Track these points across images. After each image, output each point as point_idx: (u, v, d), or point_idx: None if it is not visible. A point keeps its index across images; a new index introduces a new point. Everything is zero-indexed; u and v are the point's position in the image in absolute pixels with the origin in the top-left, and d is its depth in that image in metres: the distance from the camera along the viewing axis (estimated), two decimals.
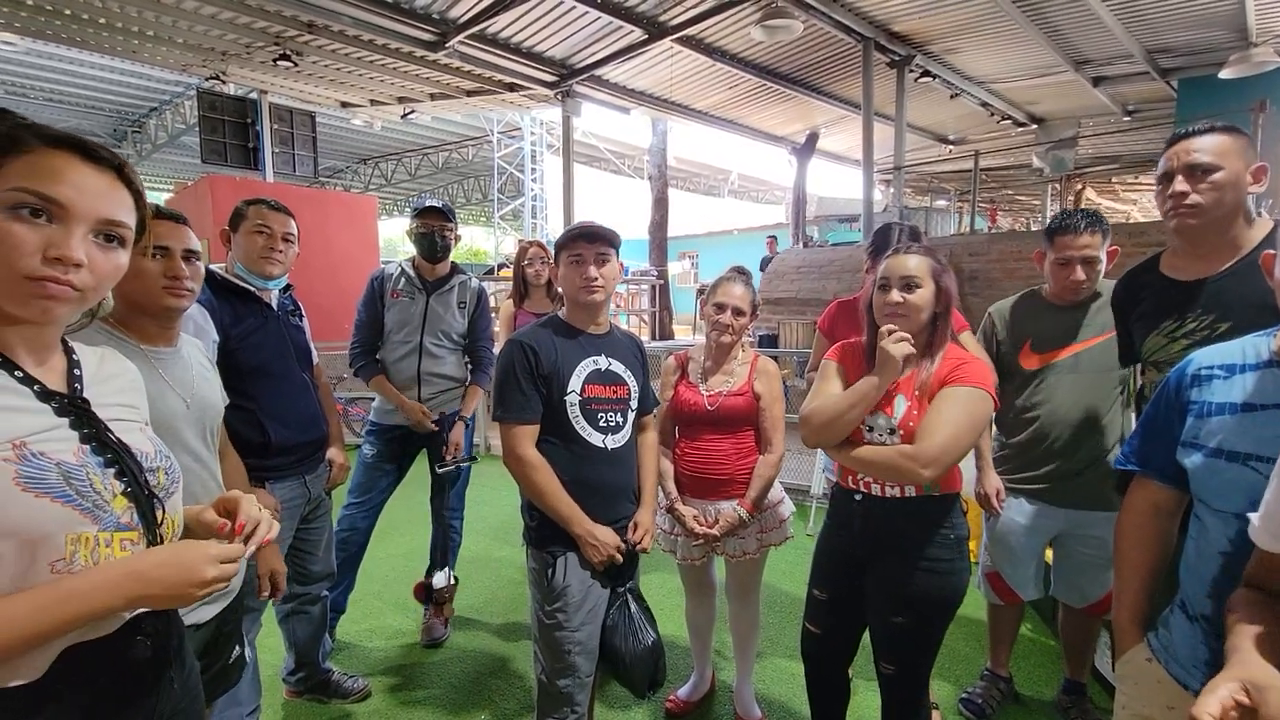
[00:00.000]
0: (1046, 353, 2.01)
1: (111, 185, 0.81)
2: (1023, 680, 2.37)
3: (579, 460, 1.65)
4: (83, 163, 0.78)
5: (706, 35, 6.69)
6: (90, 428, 0.81)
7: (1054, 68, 7.42)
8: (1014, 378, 2.07)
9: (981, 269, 6.58)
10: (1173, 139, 1.53)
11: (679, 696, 2.26)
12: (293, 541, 2.04)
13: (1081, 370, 1.97)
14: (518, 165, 15.80)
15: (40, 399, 0.78)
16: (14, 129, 0.75)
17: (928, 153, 11.32)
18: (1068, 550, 2.08)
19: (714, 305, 2.04)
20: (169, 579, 0.77)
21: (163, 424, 1.27)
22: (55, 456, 0.75)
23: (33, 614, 0.69)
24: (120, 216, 0.80)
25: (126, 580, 0.75)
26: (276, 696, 2.28)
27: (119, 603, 0.75)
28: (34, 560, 0.71)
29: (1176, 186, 1.48)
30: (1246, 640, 0.78)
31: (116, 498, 0.79)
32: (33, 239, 0.72)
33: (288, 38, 6.29)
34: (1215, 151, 1.46)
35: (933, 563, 1.54)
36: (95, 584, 0.73)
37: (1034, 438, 2.03)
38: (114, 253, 0.81)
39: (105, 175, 0.80)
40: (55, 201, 0.74)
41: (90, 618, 0.74)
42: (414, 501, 2.87)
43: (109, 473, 0.80)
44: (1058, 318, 2.02)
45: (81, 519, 0.75)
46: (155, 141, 12.73)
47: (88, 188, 0.77)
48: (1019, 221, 17.72)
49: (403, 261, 2.72)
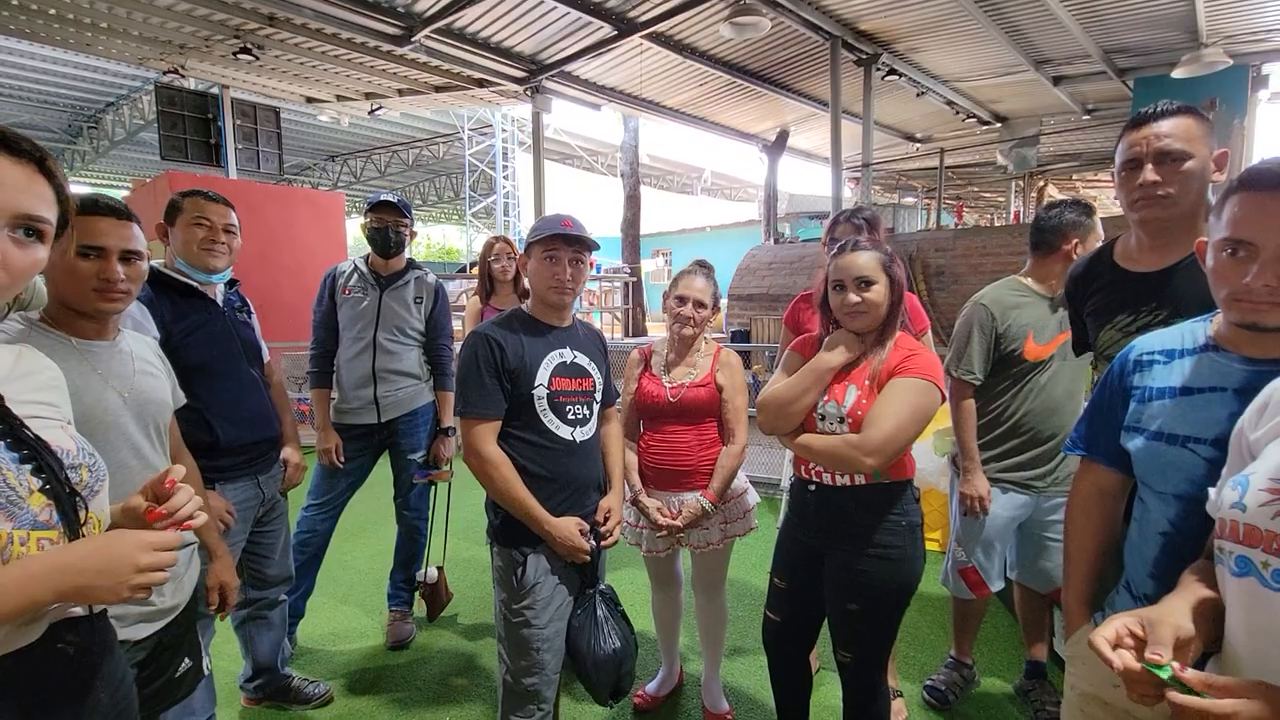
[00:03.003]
0: (1047, 343, 2.01)
1: (31, 178, 0.78)
2: (985, 665, 2.41)
3: (547, 454, 1.64)
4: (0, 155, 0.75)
5: (676, 32, 6.69)
6: (4, 423, 0.78)
7: (1015, 67, 7.58)
8: (1014, 368, 2.03)
9: (947, 264, 6.70)
10: (1136, 121, 1.39)
11: (647, 691, 2.26)
12: (247, 545, 1.98)
13: (1067, 357, 1.97)
14: (489, 163, 15.66)
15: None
16: None
17: (895, 150, 11.49)
18: (1033, 536, 2.11)
19: (675, 298, 2.04)
20: (99, 568, 0.74)
21: (97, 419, 1.23)
22: None
23: None
24: (40, 211, 0.78)
25: (52, 573, 0.72)
26: (234, 705, 2.22)
27: (46, 596, 0.71)
28: None
29: (1146, 176, 1.36)
30: (1176, 595, 0.84)
31: (33, 494, 0.76)
32: None
33: (248, 31, 6.13)
34: (1184, 136, 1.34)
35: (884, 550, 1.55)
36: (17, 578, 0.70)
37: (1022, 428, 2.03)
38: (31, 248, 0.77)
39: (25, 168, 0.77)
40: None
41: (15, 614, 0.70)
42: (380, 503, 2.82)
43: (24, 469, 0.77)
44: (1048, 307, 2.03)
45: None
46: (113, 137, 12.34)
47: (4, 181, 0.75)
48: (984, 218, 18.10)
49: (356, 259, 2.67)
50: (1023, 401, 2.03)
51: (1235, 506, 0.77)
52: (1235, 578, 0.76)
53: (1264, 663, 0.72)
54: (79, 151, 13.67)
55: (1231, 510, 0.77)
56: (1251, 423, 0.86)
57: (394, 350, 2.57)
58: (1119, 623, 0.79)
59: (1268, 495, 0.74)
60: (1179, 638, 0.76)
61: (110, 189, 17.93)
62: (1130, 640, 0.77)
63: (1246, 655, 0.75)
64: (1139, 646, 0.76)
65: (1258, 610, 0.74)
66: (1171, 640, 0.75)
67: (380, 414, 2.57)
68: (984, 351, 2.03)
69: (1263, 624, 0.73)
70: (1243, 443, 0.87)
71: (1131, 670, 0.73)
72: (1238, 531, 0.76)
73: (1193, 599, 0.83)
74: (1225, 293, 0.98)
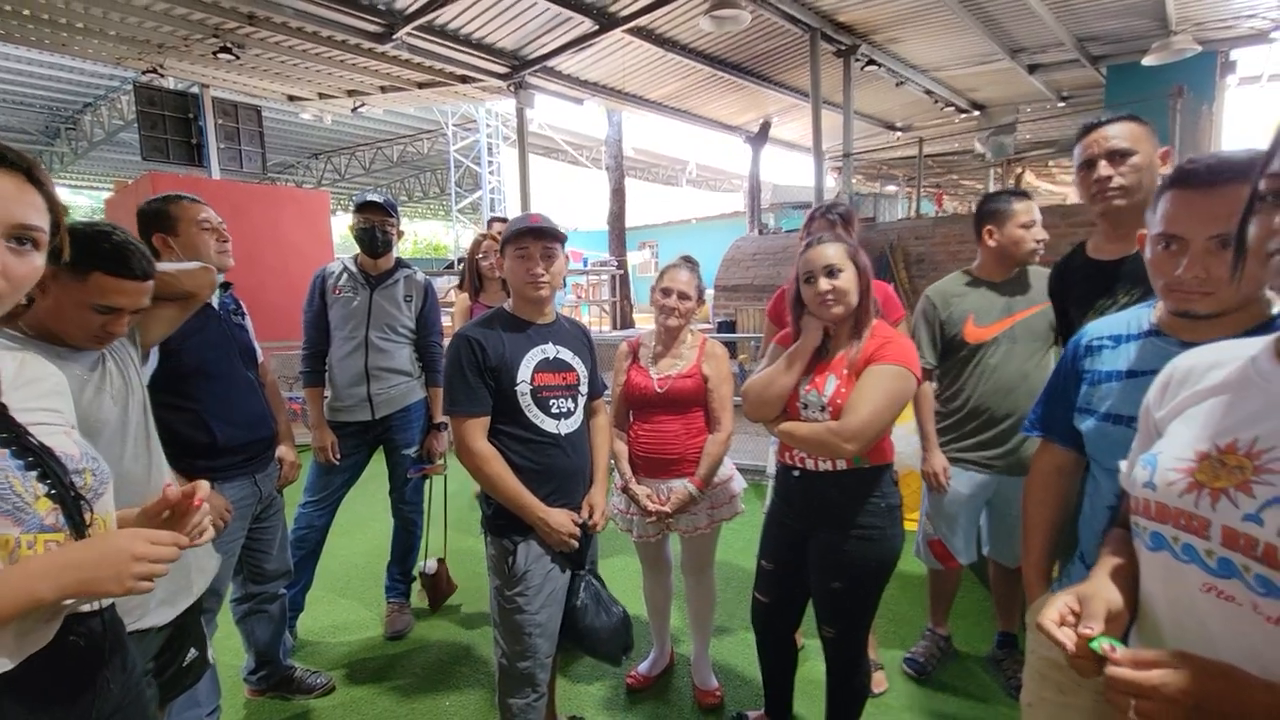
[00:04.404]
0: (988, 325, 2.13)
1: (21, 188, 0.79)
2: (960, 637, 2.52)
3: (534, 448, 1.69)
4: None
5: (657, 26, 6.72)
6: (8, 431, 0.81)
7: (991, 56, 7.68)
8: (958, 352, 2.17)
9: (927, 252, 6.81)
10: (1085, 129, 1.63)
11: (639, 672, 2.34)
12: (246, 541, 2.03)
13: (1018, 340, 2.09)
14: (474, 158, 15.57)
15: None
16: None
17: (876, 140, 11.59)
18: (1000, 514, 2.21)
19: (660, 290, 2.11)
20: (98, 561, 0.78)
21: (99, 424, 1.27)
22: None
23: None
24: (32, 220, 0.79)
25: (53, 570, 0.76)
26: (238, 696, 2.28)
27: (49, 594, 0.75)
28: None
29: (1101, 171, 1.57)
30: (1101, 567, 0.88)
31: (40, 499, 0.80)
32: None
33: (227, 30, 6.09)
34: (1129, 137, 1.56)
35: (865, 530, 1.64)
36: (19, 577, 0.74)
37: (977, 408, 2.14)
38: (28, 257, 0.80)
39: (13, 178, 0.79)
40: None
41: (19, 611, 0.74)
42: (375, 498, 2.87)
43: (30, 475, 0.80)
44: (994, 291, 2.14)
45: (4, 521, 0.75)
46: (91, 139, 12.16)
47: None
48: (964, 205, 18.28)
49: (345, 259, 2.71)
50: (976, 384, 2.14)
51: (1146, 486, 0.80)
52: (1150, 552, 0.80)
53: (1183, 631, 0.76)
54: (57, 153, 13.43)
55: (1143, 490, 0.81)
56: (1155, 401, 0.90)
57: (386, 348, 2.62)
58: (1060, 601, 0.82)
59: (1174, 474, 0.77)
60: (1110, 610, 0.79)
61: (90, 190, 17.64)
62: (1072, 618, 0.80)
63: (1168, 624, 0.79)
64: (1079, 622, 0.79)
65: (1173, 582, 0.77)
66: (1103, 614, 0.78)
67: (374, 411, 2.62)
68: (930, 338, 2.20)
69: (1178, 595, 0.76)
70: (1149, 421, 0.91)
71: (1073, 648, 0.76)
72: (1149, 509, 0.80)
73: (1112, 569, 0.86)
74: (1161, 283, 1.07)
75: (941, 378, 2.27)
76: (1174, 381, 0.88)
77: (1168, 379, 0.90)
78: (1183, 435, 0.81)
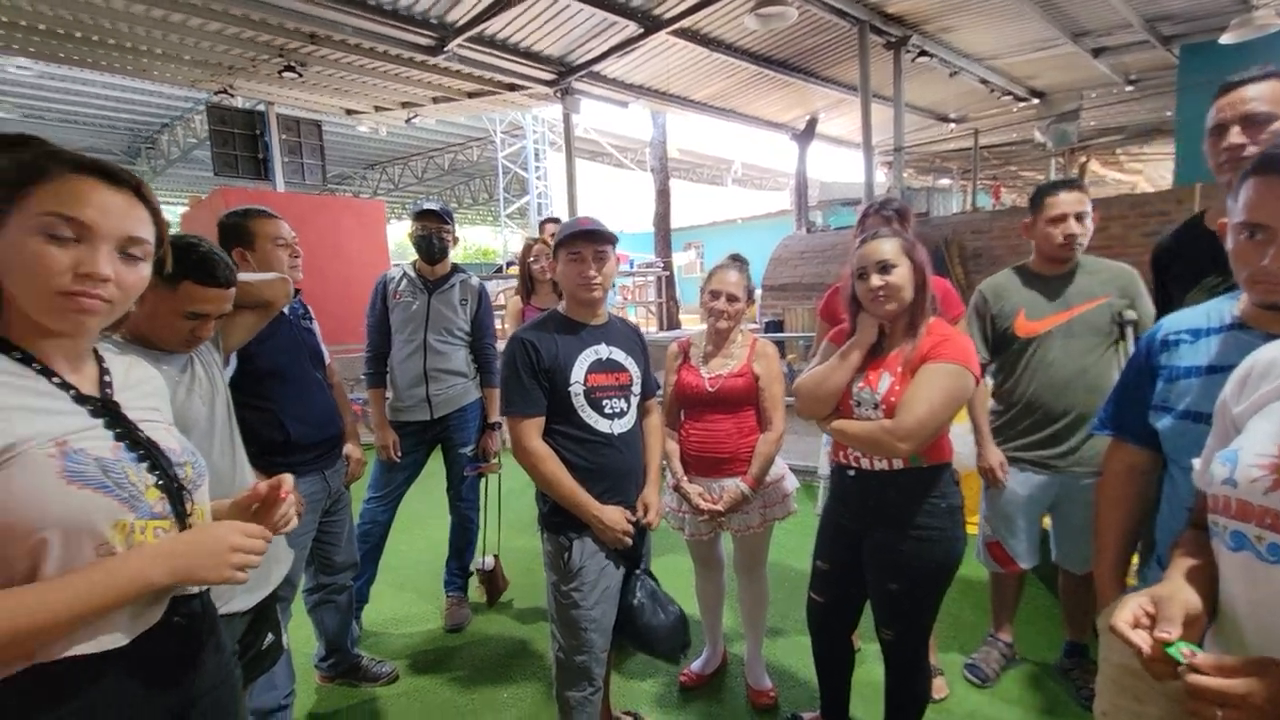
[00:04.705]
0: (1041, 320, 2.06)
1: (131, 204, 0.87)
2: (1025, 644, 2.43)
3: (588, 447, 1.72)
4: (104, 185, 0.84)
5: (701, 26, 6.70)
6: (122, 427, 0.89)
7: (1052, 41, 7.35)
8: (1010, 346, 2.12)
9: (984, 246, 6.58)
10: (1223, 88, 1.46)
11: (692, 670, 2.35)
12: (316, 534, 2.14)
13: (1075, 335, 2.02)
14: (521, 164, 15.87)
15: (76, 402, 0.86)
16: (40, 157, 0.82)
17: (929, 133, 11.24)
18: (1066, 517, 2.14)
19: (709, 293, 2.12)
20: (201, 551, 0.86)
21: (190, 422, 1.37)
22: (94, 452, 0.83)
23: (90, 587, 0.78)
24: (140, 233, 0.87)
25: (164, 556, 0.84)
26: (310, 682, 2.39)
27: (161, 578, 0.83)
28: (80, 546, 0.80)
29: (1232, 138, 1.41)
30: (1176, 569, 0.85)
31: (149, 489, 0.87)
32: (64, 258, 0.80)
33: (291, 50, 6.39)
34: (1272, 99, 1.38)
35: (924, 531, 1.61)
36: (135, 563, 0.82)
37: (1032, 405, 2.08)
38: (137, 266, 0.87)
39: (124, 195, 0.86)
40: (82, 223, 0.81)
41: (137, 593, 0.82)
42: (433, 496, 2.98)
43: (142, 467, 0.88)
44: (1047, 286, 2.08)
45: (121, 508, 0.83)
46: (168, 157, 12.96)
47: (110, 208, 0.83)
48: (1023, 197, 17.55)
49: (405, 265, 2.82)
50: (1030, 379, 2.07)
51: (1226, 483, 0.77)
52: (1231, 552, 0.77)
53: (1268, 635, 0.72)
54: (139, 171, 14.29)
55: (1223, 486, 0.78)
56: (1234, 395, 0.87)
57: (443, 350, 2.72)
58: (1134, 603, 0.80)
59: (1258, 471, 0.74)
60: (1187, 613, 0.76)
61: (167, 205, 18.76)
62: (1146, 620, 0.77)
63: (1250, 627, 0.76)
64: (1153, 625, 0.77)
65: (1257, 584, 0.74)
66: (1180, 617, 0.75)
67: (432, 411, 2.72)
68: (981, 333, 2.15)
69: (1263, 597, 0.73)
70: (1226, 416, 0.87)
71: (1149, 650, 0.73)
72: (1230, 507, 0.77)
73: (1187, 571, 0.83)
74: (1245, 274, 1.02)
75: (995, 374, 2.22)
76: (1254, 375, 0.85)
77: (1247, 372, 0.86)
78: (1265, 430, 0.78)
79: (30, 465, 0.77)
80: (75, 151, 0.86)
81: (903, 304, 1.59)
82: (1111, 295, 2.02)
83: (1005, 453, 2.14)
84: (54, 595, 0.76)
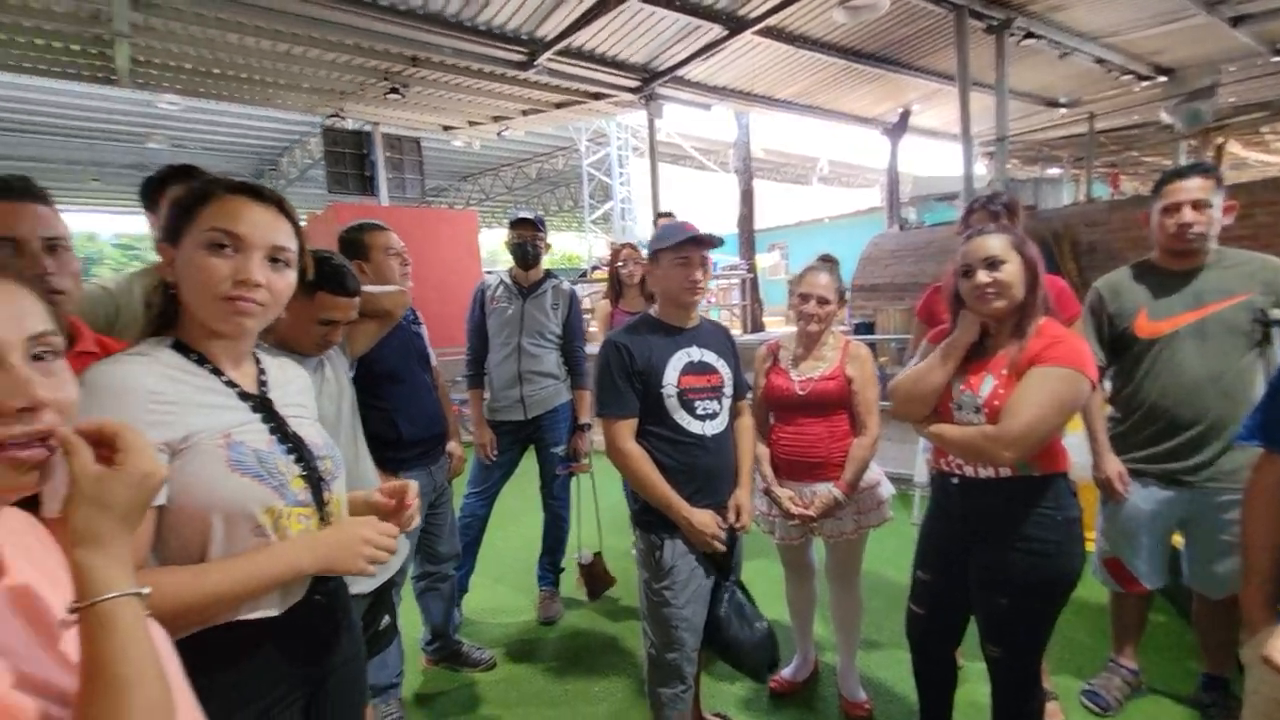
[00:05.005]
0: (1166, 319, 1.89)
1: (275, 218, 0.98)
2: (1154, 673, 2.23)
3: (680, 448, 1.75)
4: (253, 202, 0.96)
5: (787, 24, 6.59)
6: (275, 422, 1.00)
7: (1182, 12, 6.67)
8: (1130, 349, 1.96)
9: (1101, 240, 6.08)
10: None
11: (782, 677, 2.32)
12: (423, 525, 2.29)
13: (1209, 337, 1.84)
14: (605, 170, 16.20)
15: (239, 399, 0.98)
16: (204, 183, 0.96)
17: (1035, 119, 10.47)
18: (1200, 535, 1.95)
19: (799, 295, 2.09)
20: (341, 546, 0.96)
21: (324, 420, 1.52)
22: (252, 444, 0.94)
23: (254, 569, 0.89)
24: (284, 242, 0.98)
25: (310, 547, 0.94)
26: (416, 665, 2.55)
27: (309, 565, 0.94)
28: (239, 528, 0.91)
29: None
30: None
31: (295, 479, 0.98)
32: (225, 267, 0.92)
33: (395, 73, 6.85)
34: None
35: (1037, 544, 1.52)
36: (292, 549, 0.93)
37: (1156, 412, 1.91)
38: (284, 273, 0.98)
39: (270, 210, 0.98)
40: (238, 235, 0.93)
41: (291, 573, 0.93)
42: (527, 493, 3.10)
43: (289, 458, 0.99)
44: (1173, 282, 1.90)
45: (272, 495, 0.94)
46: (288, 177, 14.18)
47: (259, 222, 0.95)
48: (1146, 185, 15.99)
49: (501, 271, 2.96)
50: (1153, 384, 1.90)
51: None
52: None
53: None
54: None
55: None
56: None
57: (536, 353, 2.83)
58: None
59: None
60: None
61: None
62: None
63: None
64: None
65: None
66: None
67: (526, 411, 2.84)
68: (1097, 334, 2.00)
69: None
70: None
71: None
72: None
73: None
74: None
75: (1115, 378, 2.04)
76: None
77: None
78: None
79: (202, 454, 0.89)
80: (227, 176, 0.99)
81: (1012, 302, 1.51)
82: (1254, 292, 1.82)
83: (1128, 464, 1.98)
84: (226, 574, 0.88)
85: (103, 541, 0.59)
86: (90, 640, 0.56)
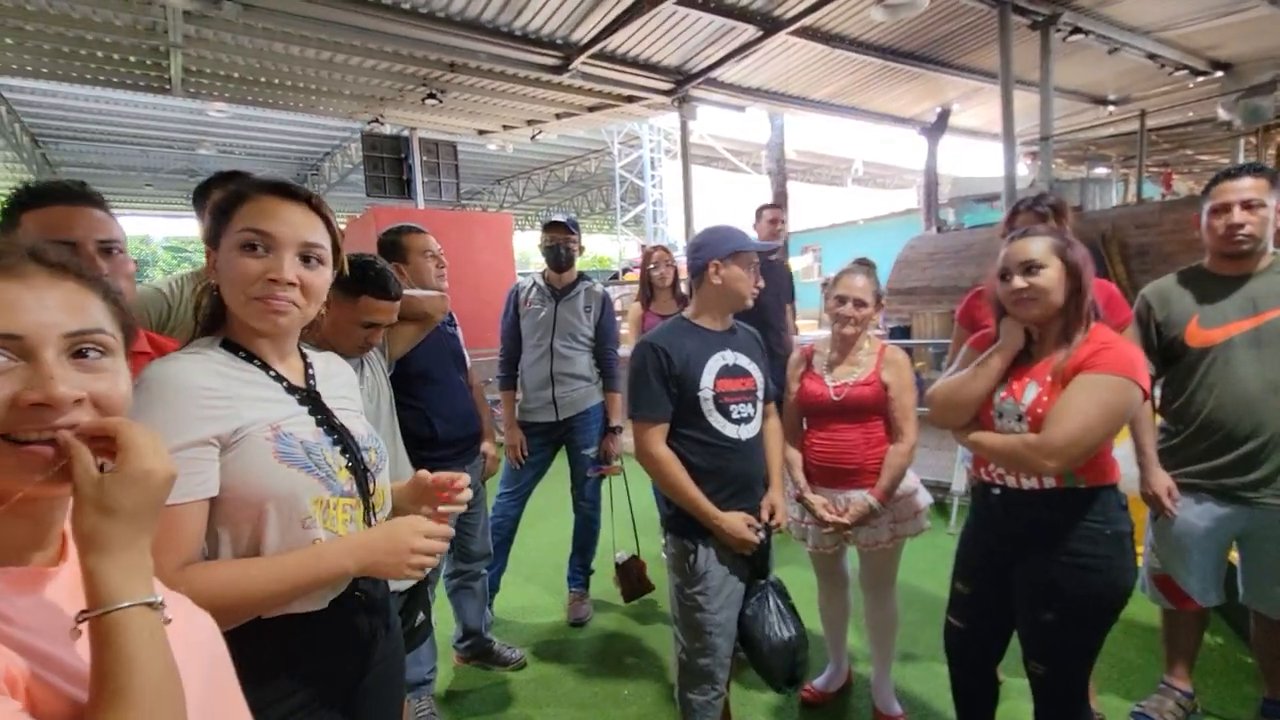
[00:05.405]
0: (1219, 327, 1.81)
1: (306, 215, 0.98)
2: (1209, 696, 2.13)
3: (714, 451, 1.74)
4: (284, 200, 0.96)
5: (823, 23, 6.51)
6: (322, 414, 1.02)
7: (1242, 4, 6.39)
8: (1181, 359, 1.88)
9: (1152, 242, 5.85)
10: None
11: (814, 686, 2.28)
12: (457, 525, 2.31)
13: (1266, 345, 1.75)
14: (637, 173, 16.24)
15: (287, 392, 0.99)
16: (241, 185, 0.98)
17: (1081, 118, 10.13)
18: (1259, 553, 1.85)
19: (835, 298, 2.06)
20: (387, 549, 0.95)
21: None
22: (300, 436, 0.96)
23: (302, 569, 0.91)
24: (315, 239, 0.97)
25: (358, 549, 0.95)
26: (448, 662, 2.58)
27: (354, 567, 0.94)
28: (290, 518, 0.92)
29: None
30: None
31: (341, 470, 0.99)
32: (257, 266, 0.93)
33: (433, 79, 6.98)
34: None
35: (1084, 559, 1.46)
36: (339, 550, 0.94)
37: (1210, 424, 1.83)
38: (317, 270, 0.99)
39: (301, 208, 0.98)
40: (269, 234, 0.93)
41: (337, 573, 0.93)
42: (557, 495, 3.12)
43: (335, 450, 1.00)
44: (1226, 288, 1.82)
45: (320, 485, 0.95)
46: (329, 181, 14.58)
47: (290, 220, 0.95)
48: (1200, 185, 15.33)
49: (535, 274, 2.99)
50: (1207, 395, 1.81)
51: None
52: None
53: None
54: None
55: None
56: None
57: (568, 355, 2.85)
58: None
59: None
60: None
61: None
62: None
63: None
64: None
65: None
66: None
67: (558, 413, 2.85)
68: (1145, 343, 1.91)
69: None
70: None
71: None
72: None
73: None
74: None
75: (1164, 388, 1.96)
76: None
77: None
78: None
79: (252, 446, 0.91)
80: (261, 177, 1.01)
81: (1049, 309, 1.46)
82: None
83: (1180, 479, 1.88)
84: (269, 573, 0.89)
85: (111, 547, 0.56)
86: (99, 650, 0.54)
